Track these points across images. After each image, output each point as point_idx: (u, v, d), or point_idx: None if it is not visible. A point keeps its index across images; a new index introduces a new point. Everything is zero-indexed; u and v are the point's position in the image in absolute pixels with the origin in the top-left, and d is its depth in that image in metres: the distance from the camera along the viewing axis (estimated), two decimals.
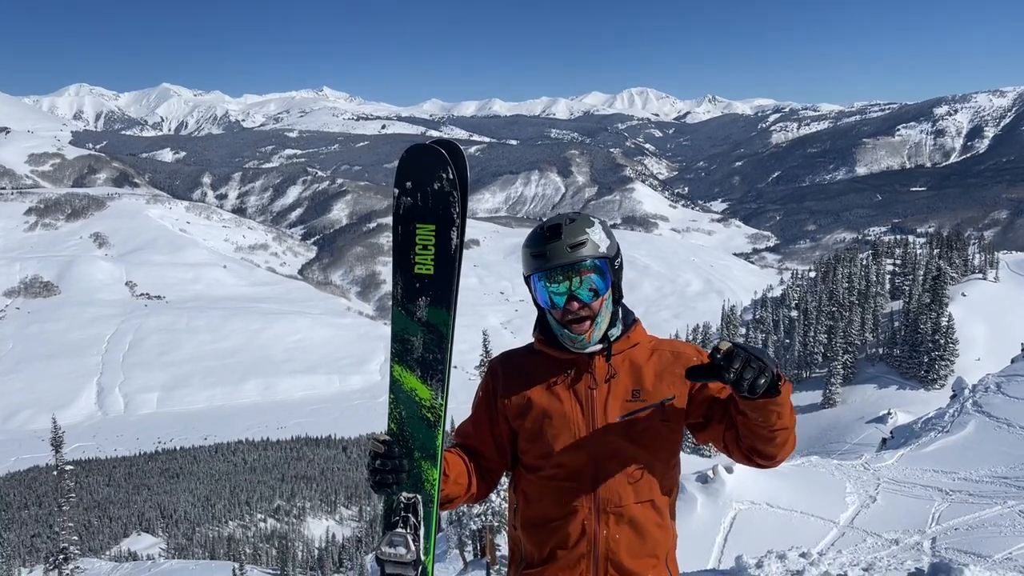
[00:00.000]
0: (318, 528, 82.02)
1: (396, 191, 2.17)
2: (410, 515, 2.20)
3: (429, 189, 2.15)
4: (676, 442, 2.34)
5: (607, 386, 2.27)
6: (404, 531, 2.18)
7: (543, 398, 2.30)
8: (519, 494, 2.40)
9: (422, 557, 2.19)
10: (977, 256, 64.66)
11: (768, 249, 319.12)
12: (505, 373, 2.39)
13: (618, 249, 2.29)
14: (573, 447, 2.26)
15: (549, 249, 2.18)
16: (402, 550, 2.16)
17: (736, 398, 2.07)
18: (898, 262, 66.04)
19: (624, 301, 2.37)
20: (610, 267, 2.23)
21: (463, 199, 2.20)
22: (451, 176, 2.14)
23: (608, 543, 2.25)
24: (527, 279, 2.28)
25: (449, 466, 2.31)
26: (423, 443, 2.25)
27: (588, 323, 2.21)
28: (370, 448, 2.19)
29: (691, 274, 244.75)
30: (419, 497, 2.23)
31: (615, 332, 2.30)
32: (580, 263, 2.17)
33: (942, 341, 47.92)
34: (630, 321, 2.36)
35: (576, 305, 2.19)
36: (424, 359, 2.24)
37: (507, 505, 2.70)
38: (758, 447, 2.18)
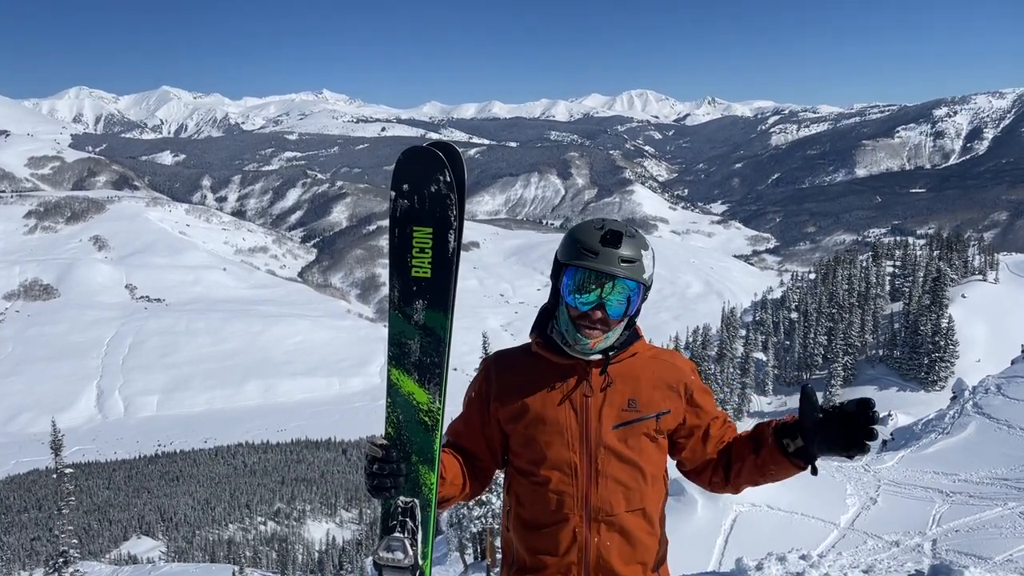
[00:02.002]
0: (318, 531, 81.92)
1: (393, 194, 2.15)
2: (408, 519, 2.19)
3: (426, 192, 2.12)
4: (667, 452, 2.37)
5: (603, 395, 2.25)
6: (402, 535, 2.17)
7: (537, 403, 2.27)
8: (511, 496, 2.39)
9: (420, 561, 2.18)
10: (977, 257, 64.65)
11: (768, 251, 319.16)
12: (499, 375, 2.36)
13: (652, 283, 2.27)
14: (565, 455, 2.25)
15: (603, 251, 2.13)
16: (400, 554, 2.15)
17: (777, 450, 2.16)
18: (898, 264, 66.08)
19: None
20: (642, 295, 2.22)
21: (460, 202, 2.17)
22: (448, 179, 2.12)
23: (599, 551, 2.25)
24: (560, 266, 2.23)
25: (445, 468, 2.30)
26: (421, 447, 2.23)
27: (600, 333, 2.19)
28: (367, 452, 2.17)
29: (691, 276, 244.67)
30: (417, 501, 2.22)
31: (606, 343, 2.26)
32: (623, 279, 2.14)
33: (942, 342, 47.96)
34: (630, 330, 2.33)
35: (599, 314, 2.16)
36: (421, 363, 2.22)
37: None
38: (743, 483, 2.31)
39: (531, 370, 2.31)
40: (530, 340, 2.38)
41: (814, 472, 2.14)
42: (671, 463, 2.45)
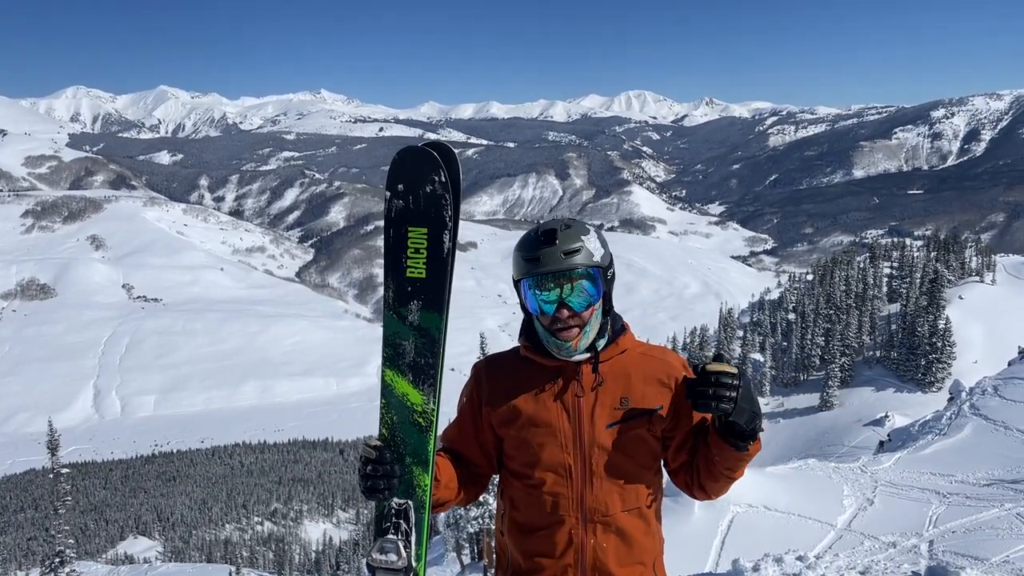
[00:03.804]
0: (315, 531, 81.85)
1: (388, 194, 2.15)
2: (401, 521, 2.19)
3: (421, 192, 2.12)
4: (661, 450, 2.32)
5: (594, 394, 2.23)
6: (395, 537, 2.17)
7: (529, 406, 2.26)
8: (506, 499, 2.38)
9: (413, 563, 2.18)
10: (974, 259, 64.80)
11: (765, 252, 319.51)
12: (490, 379, 2.35)
13: (611, 259, 2.25)
14: (559, 456, 2.23)
15: (542, 254, 2.13)
16: (393, 556, 2.14)
17: (712, 432, 2.13)
18: (895, 265, 66.17)
19: (622, 304, 2.34)
20: (603, 276, 2.19)
21: (456, 202, 2.17)
22: (443, 179, 2.12)
23: (595, 552, 2.23)
24: (517, 283, 2.24)
25: (440, 471, 2.30)
26: (415, 448, 2.22)
27: (576, 331, 2.17)
28: (361, 453, 2.16)
29: (689, 277, 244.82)
30: (410, 503, 2.21)
31: (602, 343, 2.26)
32: (573, 270, 2.13)
33: (939, 344, 47.99)
34: (618, 327, 2.32)
35: (566, 313, 2.15)
36: (416, 363, 2.21)
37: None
38: (704, 483, 2.24)
39: (521, 373, 2.30)
40: (519, 344, 2.37)
41: (735, 441, 2.09)
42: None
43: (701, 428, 2.24)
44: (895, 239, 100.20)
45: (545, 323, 2.19)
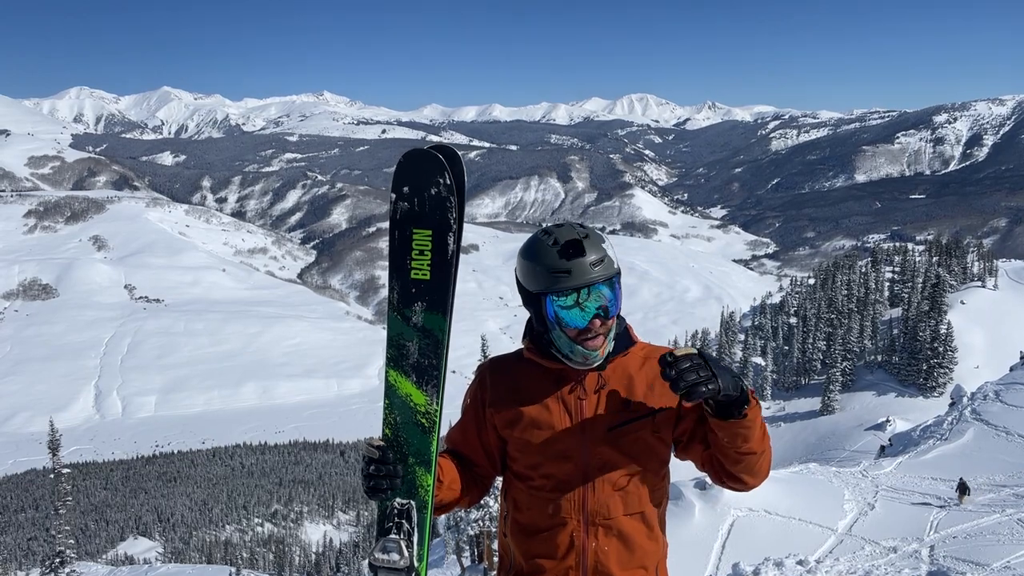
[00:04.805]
0: (315, 533, 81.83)
1: (393, 196, 2.16)
2: (404, 521, 2.20)
3: (426, 194, 2.14)
4: (666, 453, 2.29)
5: (597, 396, 2.23)
6: (398, 537, 2.18)
7: (532, 408, 2.26)
8: (509, 501, 2.38)
9: (415, 563, 2.19)
10: (976, 264, 64.77)
11: (767, 256, 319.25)
12: (494, 381, 2.35)
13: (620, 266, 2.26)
14: (562, 458, 2.23)
15: (574, 266, 2.08)
16: (395, 556, 2.15)
17: (709, 417, 2.09)
18: (897, 269, 66.16)
19: (623, 307, 2.30)
20: (619, 283, 2.19)
21: (460, 204, 2.19)
22: (448, 181, 2.13)
23: (597, 555, 2.23)
24: (536, 296, 2.17)
25: (443, 472, 2.30)
26: (417, 449, 2.24)
27: (602, 339, 2.17)
28: (364, 453, 2.18)
29: (690, 280, 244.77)
30: (413, 503, 2.22)
31: (610, 346, 2.24)
32: (603, 281, 2.11)
33: (941, 349, 47.95)
34: (622, 330, 2.31)
35: (598, 323, 2.13)
36: (419, 364, 2.24)
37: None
38: (728, 469, 2.19)
39: (525, 375, 2.30)
40: (522, 346, 2.37)
41: (717, 414, 2.06)
42: (678, 463, 2.40)
43: (704, 418, 2.19)
44: (897, 244, 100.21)
45: (573, 334, 2.15)
